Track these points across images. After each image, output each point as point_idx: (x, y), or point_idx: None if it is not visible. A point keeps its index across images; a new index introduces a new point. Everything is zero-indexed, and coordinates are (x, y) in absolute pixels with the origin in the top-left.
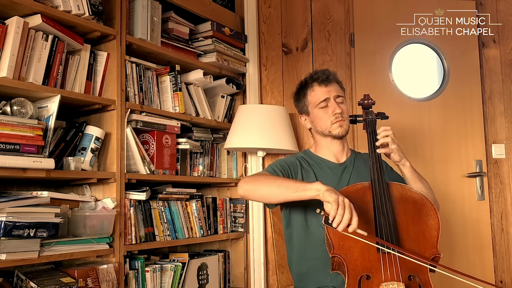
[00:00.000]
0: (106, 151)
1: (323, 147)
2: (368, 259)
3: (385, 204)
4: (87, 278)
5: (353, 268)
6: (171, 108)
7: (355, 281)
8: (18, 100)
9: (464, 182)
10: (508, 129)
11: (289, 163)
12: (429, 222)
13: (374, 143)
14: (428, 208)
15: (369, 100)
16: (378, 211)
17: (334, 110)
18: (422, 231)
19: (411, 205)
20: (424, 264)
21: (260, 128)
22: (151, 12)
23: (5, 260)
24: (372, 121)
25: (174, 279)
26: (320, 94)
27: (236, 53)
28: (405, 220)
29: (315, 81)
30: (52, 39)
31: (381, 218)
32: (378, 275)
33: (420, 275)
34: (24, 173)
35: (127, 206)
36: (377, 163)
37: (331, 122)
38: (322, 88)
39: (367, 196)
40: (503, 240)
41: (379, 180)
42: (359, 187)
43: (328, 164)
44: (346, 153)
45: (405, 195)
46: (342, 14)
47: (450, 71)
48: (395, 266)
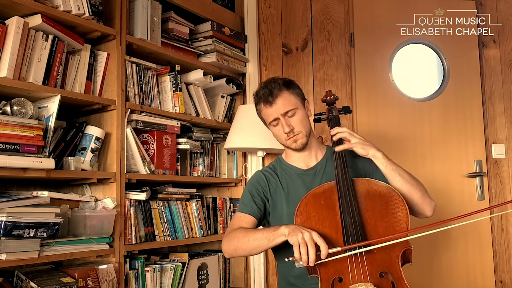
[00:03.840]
0: (106, 151)
1: (291, 155)
2: (338, 261)
3: (350, 203)
4: (87, 278)
5: (325, 271)
6: (171, 108)
7: (328, 285)
8: (18, 100)
9: (464, 182)
10: (508, 129)
11: (256, 183)
12: (398, 214)
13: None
14: (395, 200)
15: (331, 96)
16: (343, 211)
17: (284, 129)
18: (391, 225)
19: (378, 200)
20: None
21: (260, 128)
22: (151, 12)
23: (5, 260)
24: (335, 117)
25: (174, 279)
26: (268, 114)
27: (236, 53)
28: (372, 216)
29: (260, 100)
30: (52, 39)
31: (347, 218)
32: (348, 277)
33: (391, 271)
34: (24, 173)
35: (127, 206)
36: (341, 161)
37: (285, 139)
38: (268, 108)
39: (333, 195)
40: (503, 240)
41: (343, 177)
42: (326, 188)
43: (296, 171)
44: (316, 156)
45: (371, 190)
46: (342, 14)
47: (450, 71)
48: (362, 266)
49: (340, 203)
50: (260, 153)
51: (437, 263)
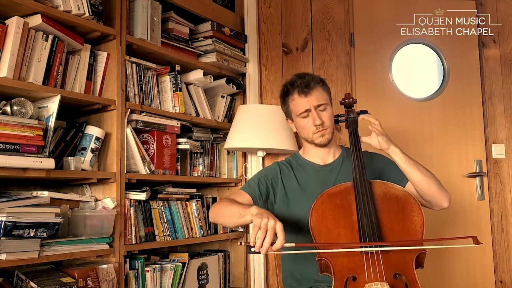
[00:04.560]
0: (106, 151)
1: (309, 151)
2: (353, 260)
3: (367, 203)
4: (87, 278)
5: (339, 270)
6: (171, 108)
7: (341, 283)
8: (18, 100)
9: (464, 182)
10: (508, 129)
11: (268, 173)
12: (413, 218)
13: (356, 142)
14: (411, 205)
15: (350, 99)
16: (360, 211)
17: (314, 121)
18: (406, 228)
19: (394, 203)
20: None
21: (260, 128)
22: (151, 12)
23: (5, 260)
24: (353, 120)
25: (174, 279)
26: (300, 104)
27: (236, 53)
28: (388, 218)
29: (295, 90)
30: (52, 39)
31: (363, 218)
32: (363, 276)
33: (405, 273)
34: (24, 173)
35: (127, 206)
36: (359, 162)
37: (313, 132)
38: (302, 98)
39: (350, 196)
40: (503, 240)
41: (361, 179)
42: (342, 188)
43: (312, 166)
44: (334, 154)
45: (388, 193)
46: (342, 14)
47: (450, 71)
48: (379, 266)
49: (358, 203)
50: (260, 153)
51: (437, 263)
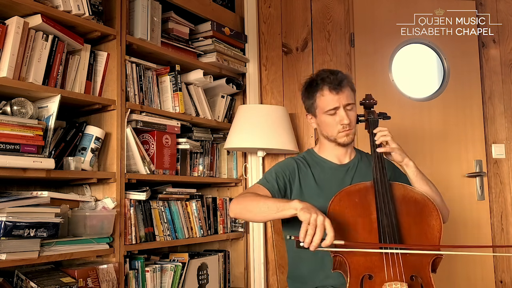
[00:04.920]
0: (106, 151)
1: (327, 149)
2: (370, 259)
3: (388, 204)
4: (87, 278)
5: (355, 267)
6: (171, 108)
7: (357, 281)
8: (18, 100)
9: (464, 182)
10: (508, 129)
11: (285, 168)
12: (431, 223)
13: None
14: (430, 209)
15: (371, 100)
16: (380, 211)
17: (342, 120)
18: (424, 232)
19: (413, 206)
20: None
21: (260, 128)
22: (151, 12)
23: (5, 260)
24: (374, 120)
25: (174, 279)
26: (330, 101)
27: (236, 53)
28: (407, 220)
29: (325, 85)
30: (52, 39)
31: (383, 218)
32: (381, 275)
33: (422, 275)
34: (24, 173)
35: (127, 206)
36: (380, 163)
37: (338, 131)
38: (333, 95)
39: (369, 195)
40: (503, 240)
41: (381, 179)
42: (361, 187)
43: (329, 165)
44: (350, 155)
45: (407, 196)
46: (342, 14)
47: (450, 71)
48: (398, 266)
49: (378, 203)
50: (260, 153)
51: None
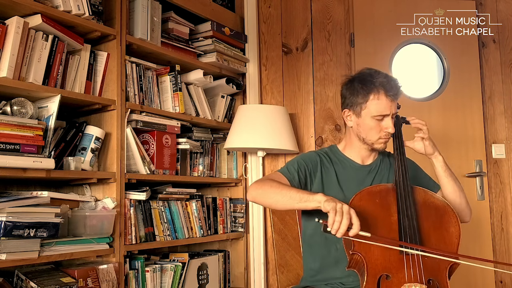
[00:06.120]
0: (106, 151)
1: (354, 149)
2: (389, 259)
3: (409, 207)
4: (87, 278)
5: (372, 267)
6: (171, 108)
7: (374, 280)
8: (18, 100)
9: (464, 182)
10: (508, 129)
11: (308, 160)
12: (450, 229)
13: (400, 146)
14: (450, 215)
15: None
16: (402, 213)
17: (388, 128)
18: (443, 237)
19: (433, 211)
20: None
21: (260, 128)
22: (151, 12)
23: (5, 260)
24: (398, 125)
25: (174, 279)
26: (384, 107)
27: (236, 53)
28: (427, 225)
29: (382, 89)
30: (52, 39)
31: (405, 221)
32: (399, 276)
33: (439, 280)
34: (24, 173)
35: (127, 206)
36: (402, 166)
37: (379, 137)
38: (388, 101)
39: (390, 197)
40: (503, 240)
41: (404, 182)
42: (383, 188)
43: (352, 164)
44: (373, 156)
45: (427, 201)
46: (342, 14)
47: (450, 71)
48: (418, 267)
49: (400, 205)
50: (260, 153)
51: None
